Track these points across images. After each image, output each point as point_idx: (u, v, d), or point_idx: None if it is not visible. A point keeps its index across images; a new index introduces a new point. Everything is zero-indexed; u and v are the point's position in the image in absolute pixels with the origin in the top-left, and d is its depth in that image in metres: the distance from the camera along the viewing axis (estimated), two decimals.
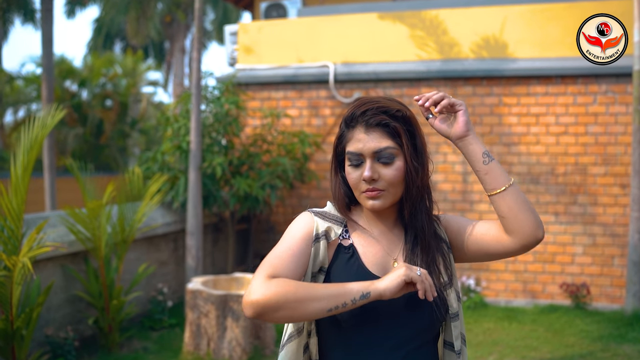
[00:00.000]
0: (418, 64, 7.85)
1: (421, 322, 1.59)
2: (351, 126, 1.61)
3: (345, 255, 1.63)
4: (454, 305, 1.65)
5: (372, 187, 1.58)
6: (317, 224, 1.62)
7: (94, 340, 5.65)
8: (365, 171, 1.57)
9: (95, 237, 5.34)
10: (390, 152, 1.58)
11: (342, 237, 1.65)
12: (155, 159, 7.01)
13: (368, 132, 1.58)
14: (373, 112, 1.58)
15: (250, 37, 8.46)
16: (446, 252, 1.69)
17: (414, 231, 1.65)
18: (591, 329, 6.33)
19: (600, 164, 7.36)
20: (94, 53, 20.77)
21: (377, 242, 1.66)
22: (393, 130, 1.59)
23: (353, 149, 1.59)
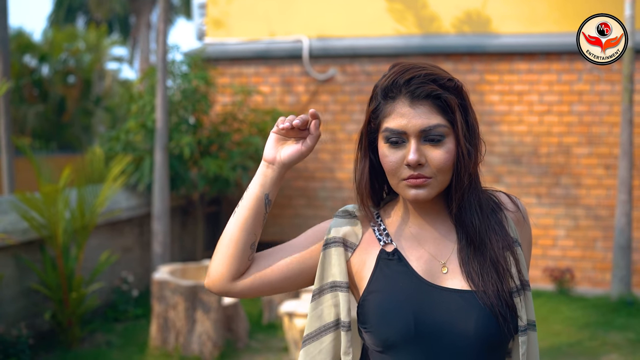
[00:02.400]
0: (397, 39, 7.49)
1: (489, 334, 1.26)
2: (390, 97, 1.28)
3: (391, 262, 1.32)
4: (524, 316, 1.29)
5: (417, 173, 1.26)
6: (331, 227, 1.36)
7: (53, 335, 5.22)
8: (410, 153, 1.25)
9: (52, 224, 4.89)
10: (441, 131, 1.26)
11: (384, 242, 1.35)
12: (118, 139, 6.56)
13: (414, 106, 1.26)
14: (420, 81, 1.26)
15: (220, 10, 7.99)
16: (516, 249, 1.34)
17: (465, 228, 1.33)
18: (577, 315, 6.11)
19: (585, 145, 7.12)
20: (55, 27, 19.94)
21: (420, 244, 1.34)
22: (444, 103, 1.27)
23: (394, 125, 1.27)
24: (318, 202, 7.77)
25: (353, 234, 1.36)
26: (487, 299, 1.26)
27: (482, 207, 1.34)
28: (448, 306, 1.27)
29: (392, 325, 1.26)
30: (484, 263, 1.30)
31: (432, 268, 1.32)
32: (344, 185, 7.63)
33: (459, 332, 1.25)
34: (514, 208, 1.40)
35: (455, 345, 1.25)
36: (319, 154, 7.73)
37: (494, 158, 7.30)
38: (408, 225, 1.36)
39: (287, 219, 7.87)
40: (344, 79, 7.65)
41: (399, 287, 1.28)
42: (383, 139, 1.30)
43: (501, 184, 7.27)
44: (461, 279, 1.30)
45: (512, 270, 1.31)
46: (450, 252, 1.34)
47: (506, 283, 1.29)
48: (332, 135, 7.68)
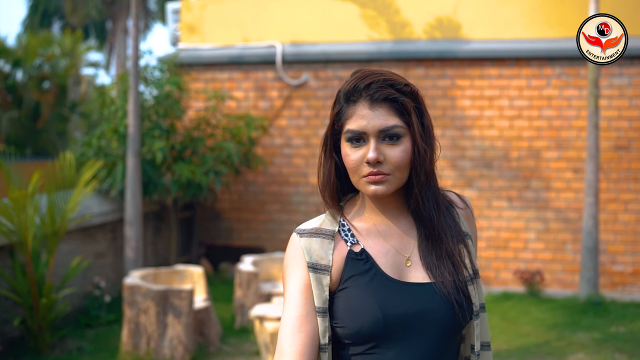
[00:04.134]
0: (369, 45, 7.56)
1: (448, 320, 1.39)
2: (352, 101, 1.39)
3: (359, 263, 1.41)
4: (476, 302, 1.44)
5: (377, 170, 1.37)
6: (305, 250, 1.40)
7: (22, 342, 5.19)
8: (369, 152, 1.36)
9: (21, 229, 4.88)
10: (398, 131, 1.38)
11: (351, 242, 1.43)
12: (90, 144, 6.54)
13: (373, 108, 1.37)
14: (379, 86, 1.37)
15: (194, 15, 8.02)
16: (468, 242, 1.47)
17: (423, 223, 1.45)
18: (546, 316, 6.21)
19: (554, 149, 7.24)
20: (30, 32, 19.77)
21: (385, 240, 1.44)
22: (401, 106, 1.38)
23: (355, 126, 1.38)
24: (292, 206, 7.81)
25: (324, 255, 1.40)
26: (444, 289, 1.39)
27: (438, 203, 1.45)
28: (412, 300, 1.37)
29: (362, 322, 1.35)
30: (441, 256, 1.42)
31: (397, 262, 1.42)
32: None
33: (423, 323, 1.37)
34: (463, 205, 1.53)
35: (421, 334, 1.37)
36: (292, 159, 7.78)
37: (465, 162, 7.39)
38: (373, 223, 1.45)
39: (261, 224, 7.90)
40: (317, 84, 7.71)
41: (367, 285, 1.37)
42: (345, 140, 1.39)
43: (473, 188, 7.37)
44: (422, 271, 1.41)
45: (465, 261, 1.44)
46: (412, 247, 1.44)
47: (461, 273, 1.42)
48: (306, 140, 7.73)
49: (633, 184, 7.09)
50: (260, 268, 6.13)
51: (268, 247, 7.75)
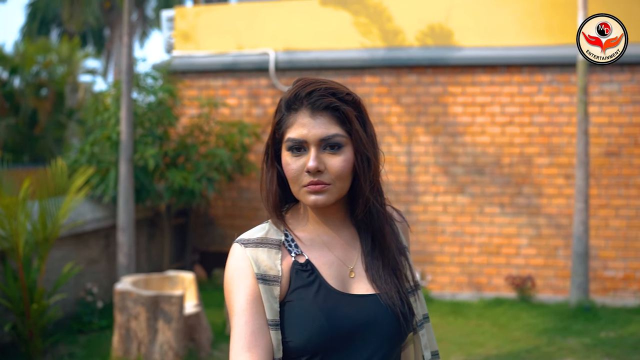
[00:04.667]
0: (362, 52, 7.61)
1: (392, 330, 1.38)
2: (293, 109, 1.37)
3: (304, 274, 1.37)
4: (419, 314, 1.45)
5: (317, 179, 1.34)
6: (252, 260, 1.35)
7: (14, 348, 5.21)
8: (310, 161, 1.33)
9: (13, 235, 4.90)
10: (339, 140, 1.35)
11: (295, 253, 1.39)
12: (83, 151, 6.58)
13: (314, 117, 1.35)
14: (320, 94, 1.35)
15: (188, 23, 8.07)
16: (407, 255, 1.48)
17: (369, 233, 1.42)
18: (536, 322, 6.24)
19: (545, 155, 7.29)
20: (27, 39, 19.84)
21: (329, 251, 1.41)
22: (343, 115, 1.36)
23: (295, 135, 1.35)
24: None
25: (273, 265, 1.36)
26: (389, 301, 1.37)
27: (385, 214, 1.44)
28: (358, 312, 1.35)
29: (309, 335, 1.31)
30: (385, 267, 1.41)
31: (341, 274, 1.39)
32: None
33: (369, 334, 1.35)
34: (400, 219, 1.53)
35: (366, 346, 1.35)
36: None
37: (457, 168, 7.43)
38: (317, 233, 1.42)
39: None
40: None
41: (313, 298, 1.34)
42: (286, 148, 1.37)
43: (465, 194, 7.40)
44: (366, 282, 1.39)
45: (407, 273, 1.44)
46: (356, 258, 1.42)
47: (403, 285, 1.41)
48: None
49: (624, 189, 7.13)
50: None
51: None
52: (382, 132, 7.56)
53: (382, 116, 7.58)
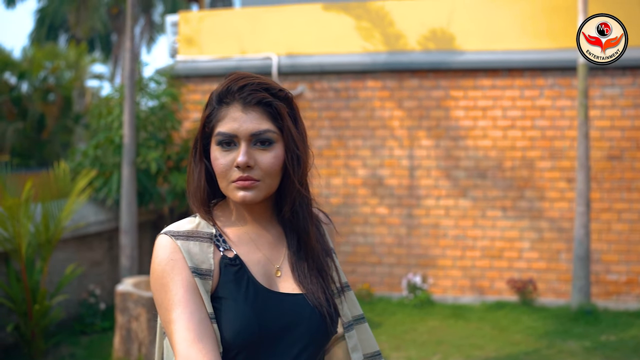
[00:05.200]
0: (364, 56, 7.65)
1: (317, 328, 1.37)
2: (225, 103, 1.34)
3: (233, 269, 1.34)
4: (348, 314, 1.44)
5: (246, 175, 1.32)
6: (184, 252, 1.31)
7: (16, 348, 5.27)
8: (240, 156, 1.31)
9: (16, 237, 4.97)
10: (270, 136, 1.33)
11: (224, 248, 1.36)
12: (86, 154, 6.64)
13: (246, 111, 1.32)
14: (253, 88, 1.33)
15: (192, 28, 8.14)
16: (334, 256, 1.47)
17: (295, 233, 1.41)
18: (537, 325, 6.24)
19: (547, 159, 7.29)
20: (35, 44, 20.01)
21: (257, 248, 1.39)
22: (275, 111, 1.34)
23: (226, 129, 1.32)
24: None
25: (205, 259, 1.32)
26: (316, 301, 1.36)
27: (311, 214, 1.43)
28: (286, 310, 1.34)
29: (238, 332, 1.28)
30: (311, 268, 1.40)
31: (268, 272, 1.38)
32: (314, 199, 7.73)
33: (295, 333, 1.34)
34: (326, 220, 1.53)
35: (292, 345, 1.33)
36: None
37: (459, 172, 7.45)
38: (245, 231, 1.39)
39: None
40: (313, 95, 7.80)
41: (242, 294, 1.31)
42: (215, 143, 1.34)
43: (467, 198, 7.42)
44: (292, 282, 1.38)
45: (333, 274, 1.44)
46: (282, 257, 1.41)
47: (329, 286, 1.41)
48: None
49: (626, 193, 7.13)
50: None
51: None
52: (384, 136, 7.59)
53: (384, 120, 7.61)
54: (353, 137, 7.68)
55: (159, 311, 1.30)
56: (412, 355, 5.38)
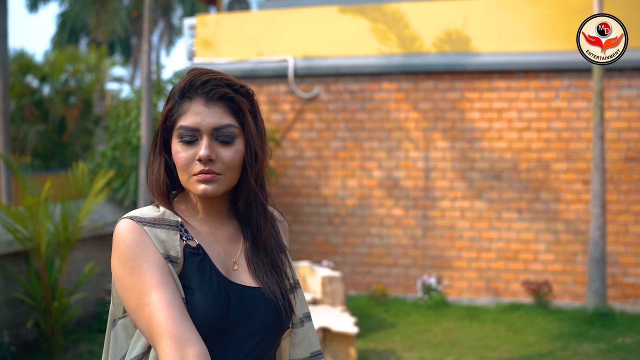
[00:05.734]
0: (379, 58, 7.69)
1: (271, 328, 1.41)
2: (187, 97, 1.36)
3: (196, 257, 1.36)
4: (299, 312, 1.48)
5: (208, 168, 1.34)
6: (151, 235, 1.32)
7: (37, 344, 5.38)
8: (202, 149, 1.33)
9: (36, 236, 5.08)
10: (232, 131, 1.36)
11: (187, 237, 1.38)
12: (105, 155, 6.75)
13: (208, 106, 1.35)
14: (216, 84, 1.35)
15: (209, 31, 8.23)
16: (287, 253, 1.52)
17: (251, 228, 1.45)
18: (552, 327, 6.23)
19: (563, 160, 7.28)
20: (57, 48, 20.30)
21: (216, 241, 1.42)
22: (237, 106, 1.37)
23: (188, 123, 1.34)
24: (304, 217, 7.93)
25: (173, 246, 1.34)
26: (272, 294, 1.40)
27: (266, 210, 1.46)
28: (243, 301, 1.38)
29: (201, 319, 1.30)
30: (266, 262, 1.44)
31: (226, 264, 1.40)
32: (330, 201, 7.80)
33: (252, 324, 1.37)
34: (281, 218, 1.56)
35: (250, 336, 1.37)
36: (304, 171, 7.91)
37: (475, 174, 7.46)
38: (204, 223, 1.42)
39: None
40: (329, 97, 7.85)
41: (206, 283, 1.33)
42: (177, 137, 1.36)
43: (482, 199, 7.42)
44: (248, 275, 1.42)
45: (287, 271, 1.48)
46: (238, 251, 1.44)
47: (283, 281, 1.45)
48: (318, 153, 7.86)
49: None
50: None
51: None
52: (400, 138, 7.62)
53: (400, 122, 7.64)
54: (369, 139, 7.72)
55: (128, 295, 1.28)
56: (425, 356, 5.40)
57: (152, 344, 1.26)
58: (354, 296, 7.48)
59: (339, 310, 5.32)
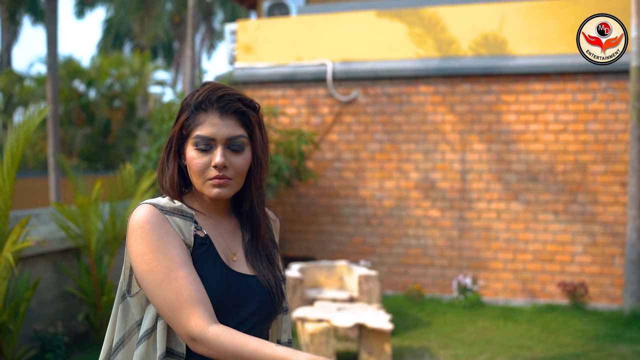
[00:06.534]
0: (416, 62, 7.81)
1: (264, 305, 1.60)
2: (203, 109, 1.54)
3: (203, 247, 1.56)
4: (287, 300, 1.70)
5: (222, 174, 1.53)
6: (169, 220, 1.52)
7: (86, 336, 5.66)
8: (217, 157, 1.52)
9: (86, 234, 5.36)
10: (242, 141, 1.55)
11: (196, 228, 1.57)
12: (150, 157, 7.02)
13: (223, 118, 1.53)
14: (230, 99, 1.54)
15: (249, 36, 8.46)
16: (278, 249, 1.72)
17: (250, 225, 1.64)
18: (587, 328, 6.27)
19: (600, 162, 7.29)
20: (103, 53, 20.89)
21: (219, 234, 1.61)
22: (247, 119, 1.57)
23: (205, 133, 1.52)
24: (342, 218, 8.09)
25: (188, 234, 1.54)
26: (266, 282, 1.60)
27: (264, 210, 1.66)
28: (242, 287, 1.57)
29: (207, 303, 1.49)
30: (262, 255, 1.64)
31: (227, 256, 1.59)
32: (367, 202, 7.94)
33: (248, 307, 1.56)
34: (274, 218, 1.77)
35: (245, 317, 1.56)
36: (342, 173, 8.08)
37: (511, 176, 7.52)
38: (209, 219, 1.60)
39: (312, 235, 8.21)
40: (366, 100, 8.00)
41: (210, 270, 1.53)
42: (193, 144, 1.53)
43: (519, 201, 7.48)
44: (246, 266, 1.61)
45: (278, 264, 1.68)
46: (238, 244, 1.64)
47: (276, 272, 1.66)
48: (355, 155, 8.02)
49: None
50: (306, 275, 6.44)
51: (319, 258, 8.05)
52: (436, 140, 7.73)
53: (436, 124, 7.75)
54: (406, 141, 7.84)
55: (152, 271, 1.45)
56: (459, 354, 5.51)
57: (178, 312, 1.43)
58: (391, 296, 7.62)
59: (375, 307, 5.46)
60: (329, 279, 6.58)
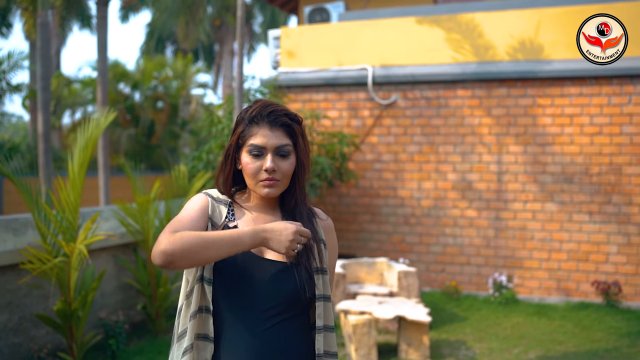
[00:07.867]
0: (454, 67, 8.07)
1: (288, 291, 1.81)
2: (255, 122, 1.84)
3: None
4: (321, 289, 1.86)
5: (272, 176, 1.82)
6: (211, 204, 1.86)
7: (143, 325, 6.08)
8: (268, 162, 1.80)
9: (144, 229, 5.77)
10: (288, 149, 1.84)
11: (228, 220, 1.87)
12: (200, 158, 7.43)
13: (272, 130, 1.83)
14: (278, 114, 1.84)
15: (292, 42, 8.81)
16: (320, 244, 1.91)
17: (293, 218, 1.89)
18: (620, 325, 6.45)
19: (636, 164, 7.45)
20: (146, 56, 21.50)
21: (255, 224, 1.86)
22: (292, 131, 1.86)
23: (258, 142, 1.82)
24: (381, 217, 8.39)
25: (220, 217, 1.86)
26: (295, 268, 1.83)
27: (305, 207, 1.93)
28: (263, 268, 1.81)
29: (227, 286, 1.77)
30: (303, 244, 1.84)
31: None
32: (406, 202, 8.23)
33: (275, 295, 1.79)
34: (325, 217, 2.00)
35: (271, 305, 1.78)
36: (382, 174, 8.37)
37: (546, 177, 7.72)
38: (253, 211, 1.90)
39: (352, 234, 8.52)
40: (405, 104, 8.29)
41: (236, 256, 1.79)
42: (247, 152, 1.84)
43: (554, 202, 7.68)
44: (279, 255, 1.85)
45: (316, 255, 1.89)
46: None
47: (310, 262, 1.86)
48: (395, 156, 8.31)
49: None
50: (349, 270, 6.76)
51: (359, 255, 8.36)
52: (474, 143, 7.97)
53: (474, 127, 7.99)
54: (444, 144, 8.11)
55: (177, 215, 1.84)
56: (494, 347, 5.77)
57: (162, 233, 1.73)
58: (428, 292, 7.89)
59: (414, 301, 5.76)
60: (369, 274, 6.89)
